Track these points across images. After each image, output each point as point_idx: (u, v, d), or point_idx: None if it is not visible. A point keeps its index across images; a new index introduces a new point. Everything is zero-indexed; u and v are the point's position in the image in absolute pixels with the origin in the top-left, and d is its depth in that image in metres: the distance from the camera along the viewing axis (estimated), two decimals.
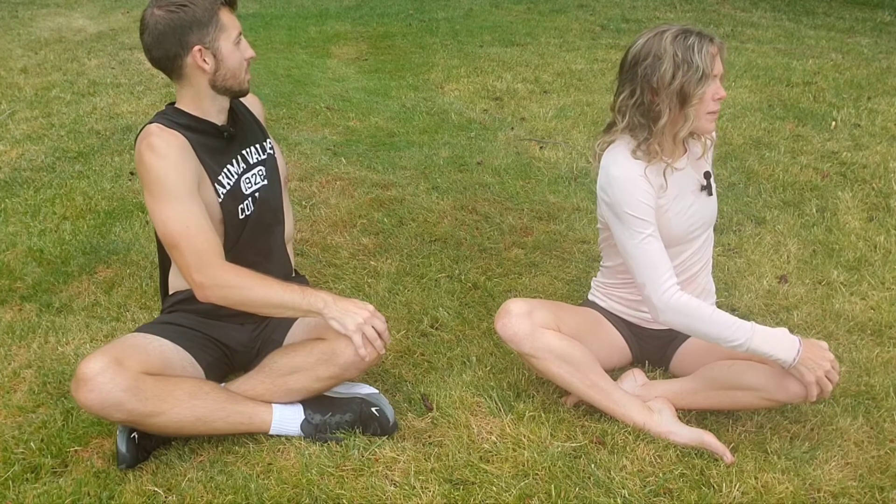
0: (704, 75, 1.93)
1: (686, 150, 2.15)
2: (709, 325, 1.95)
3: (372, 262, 3.04)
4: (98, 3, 8.68)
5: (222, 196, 2.07)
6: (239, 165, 2.14)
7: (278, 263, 2.25)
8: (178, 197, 1.94)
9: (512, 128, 4.64)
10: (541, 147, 4.28)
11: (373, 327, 1.97)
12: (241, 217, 2.13)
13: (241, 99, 2.20)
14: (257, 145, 2.21)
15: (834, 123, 4.52)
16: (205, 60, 1.97)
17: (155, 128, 1.98)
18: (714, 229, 2.31)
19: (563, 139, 4.40)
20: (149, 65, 2.03)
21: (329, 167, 3.90)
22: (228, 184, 2.09)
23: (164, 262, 2.21)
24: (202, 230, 1.95)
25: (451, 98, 5.26)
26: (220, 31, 1.97)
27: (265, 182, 2.20)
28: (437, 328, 2.62)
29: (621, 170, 2.03)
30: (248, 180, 2.15)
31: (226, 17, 1.99)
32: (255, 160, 2.19)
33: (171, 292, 2.23)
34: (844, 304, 2.72)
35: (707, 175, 2.18)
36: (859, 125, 4.48)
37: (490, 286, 2.86)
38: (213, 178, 2.05)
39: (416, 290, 2.83)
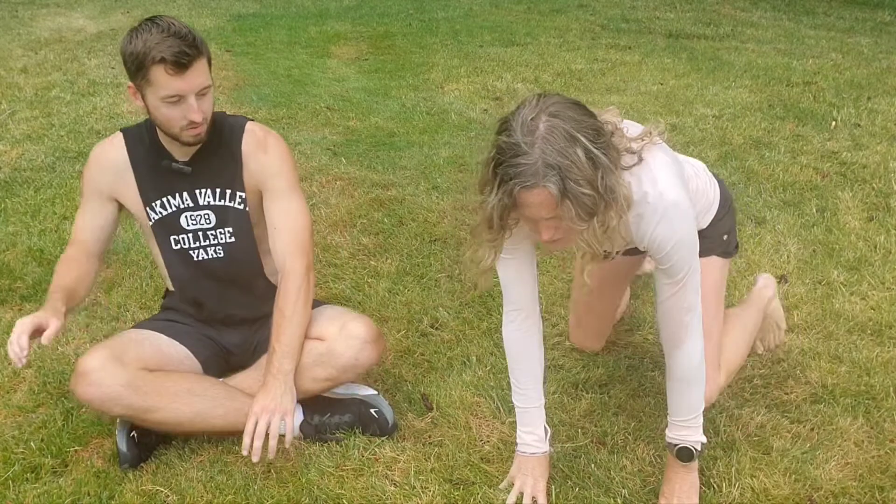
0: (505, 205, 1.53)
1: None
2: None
3: (372, 262, 3.04)
4: (98, 3, 8.67)
5: (153, 220, 2.06)
6: (183, 201, 2.05)
7: (263, 299, 2.16)
8: (87, 202, 2.07)
9: None
10: None
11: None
12: (175, 248, 2.08)
13: (266, 143, 2.05)
14: (217, 190, 2.05)
15: (834, 123, 4.52)
16: (136, 97, 1.91)
17: (113, 135, 2.07)
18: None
19: None
20: None
21: (329, 167, 3.90)
22: (162, 212, 2.05)
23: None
24: (81, 229, 2.08)
25: (451, 98, 5.25)
26: (148, 85, 1.84)
27: (232, 239, 2.08)
28: (437, 328, 2.62)
29: None
30: (193, 219, 2.06)
31: (159, 76, 1.81)
32: (206, 203, 2.06)
33: (171, 289, 2.23)
34: (844, 304, 2.72)
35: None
36: (859, 125, 4.48)
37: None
38: (146, 201, 2.04)
39: (416, 290, 2.83)
